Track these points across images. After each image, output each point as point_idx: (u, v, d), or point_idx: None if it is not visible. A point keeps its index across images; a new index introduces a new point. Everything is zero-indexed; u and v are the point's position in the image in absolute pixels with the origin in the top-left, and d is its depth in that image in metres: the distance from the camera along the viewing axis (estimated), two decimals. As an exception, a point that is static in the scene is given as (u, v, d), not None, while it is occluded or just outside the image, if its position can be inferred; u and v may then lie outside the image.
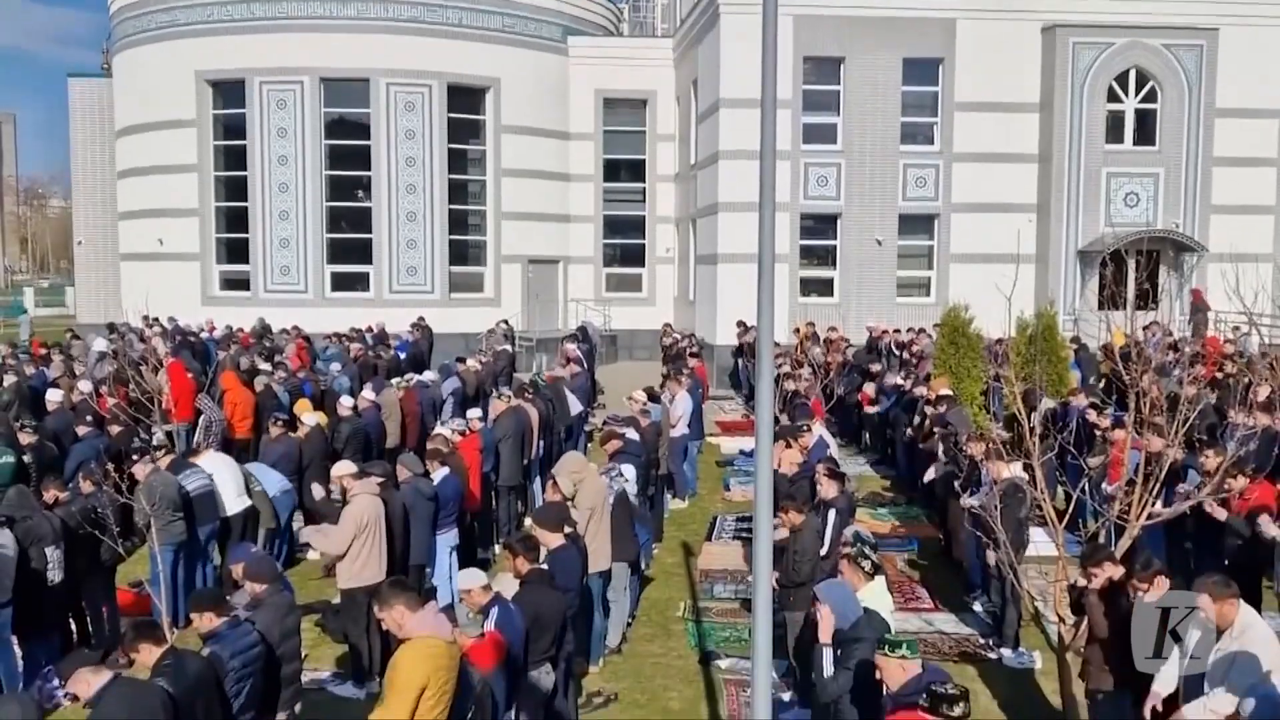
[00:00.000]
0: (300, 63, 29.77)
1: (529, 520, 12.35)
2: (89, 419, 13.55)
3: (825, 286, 28.47)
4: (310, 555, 13.00)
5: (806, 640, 7.74)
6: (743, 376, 25.47)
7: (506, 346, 23.72)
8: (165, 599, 9.68)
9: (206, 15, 30.62)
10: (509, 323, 27.96)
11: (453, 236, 31.15)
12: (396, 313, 27.94)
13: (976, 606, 11.19)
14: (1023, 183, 28.14)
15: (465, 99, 31.17)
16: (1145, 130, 28.01)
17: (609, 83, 33.33)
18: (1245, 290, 13.09)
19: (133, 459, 10.96)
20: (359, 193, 30.79)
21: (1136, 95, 27.92)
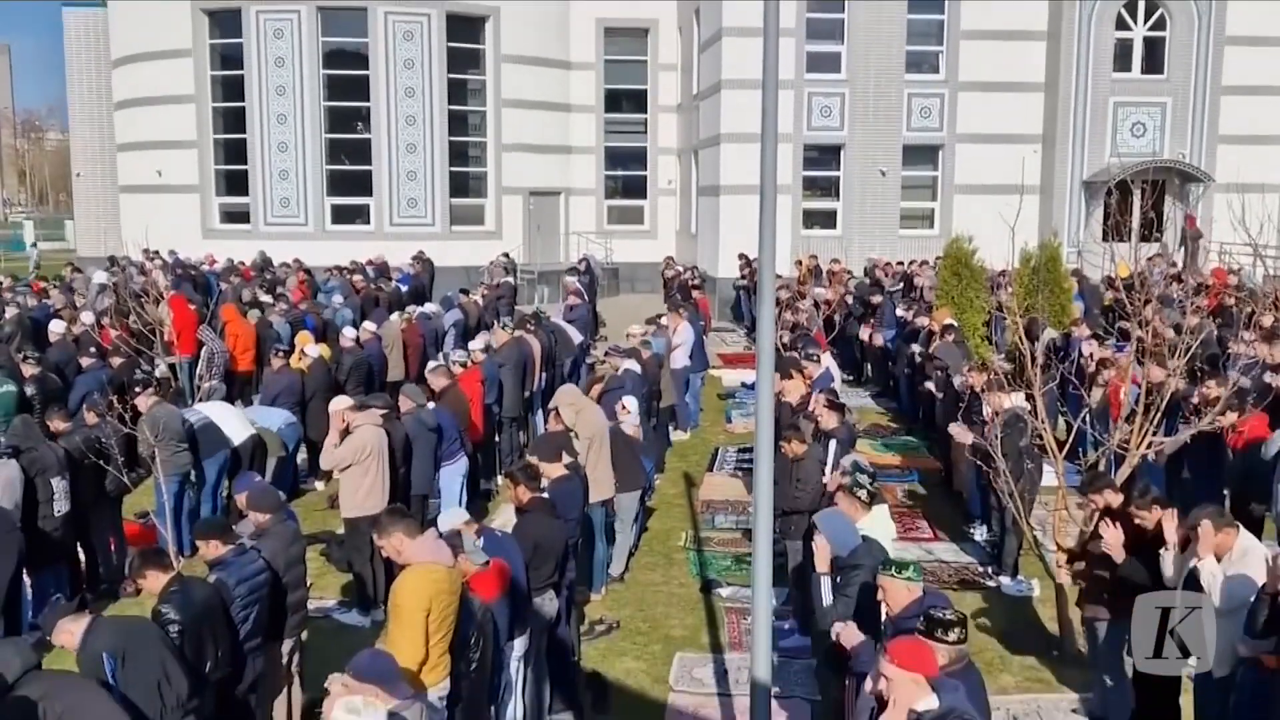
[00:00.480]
0: (297, -10, 29.29)
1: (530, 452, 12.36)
2: (92, 350, 13.54)
3: (828, 219, 28.29)
4: (317, 485, 13.10)
5: (806, 569, 7.79)
6: (745, 309, 25.42)
7: (508, 279, 23.64)
8: (170, 529, 9.77)
9: (201, -58, 30.10)
10: (510, 255, 27.85)
11: (453, 168, 30.83)
12: (397, 245, 27.75)
13: (976, 536, 11.27)
14: (1028, 112, 27.85)
15: (464, 28, 30.64)
16: (1153, 58, 27.64)
17: (610, 11, 32.73)
18: (1251, 220, 13.01)
19: (135, 391, 10.95)
20: (358, 124, 30.42)
21: (1145, 22, 27.50)
